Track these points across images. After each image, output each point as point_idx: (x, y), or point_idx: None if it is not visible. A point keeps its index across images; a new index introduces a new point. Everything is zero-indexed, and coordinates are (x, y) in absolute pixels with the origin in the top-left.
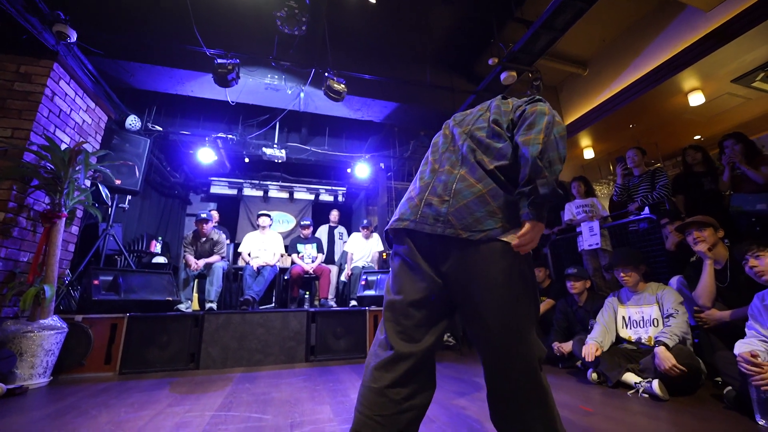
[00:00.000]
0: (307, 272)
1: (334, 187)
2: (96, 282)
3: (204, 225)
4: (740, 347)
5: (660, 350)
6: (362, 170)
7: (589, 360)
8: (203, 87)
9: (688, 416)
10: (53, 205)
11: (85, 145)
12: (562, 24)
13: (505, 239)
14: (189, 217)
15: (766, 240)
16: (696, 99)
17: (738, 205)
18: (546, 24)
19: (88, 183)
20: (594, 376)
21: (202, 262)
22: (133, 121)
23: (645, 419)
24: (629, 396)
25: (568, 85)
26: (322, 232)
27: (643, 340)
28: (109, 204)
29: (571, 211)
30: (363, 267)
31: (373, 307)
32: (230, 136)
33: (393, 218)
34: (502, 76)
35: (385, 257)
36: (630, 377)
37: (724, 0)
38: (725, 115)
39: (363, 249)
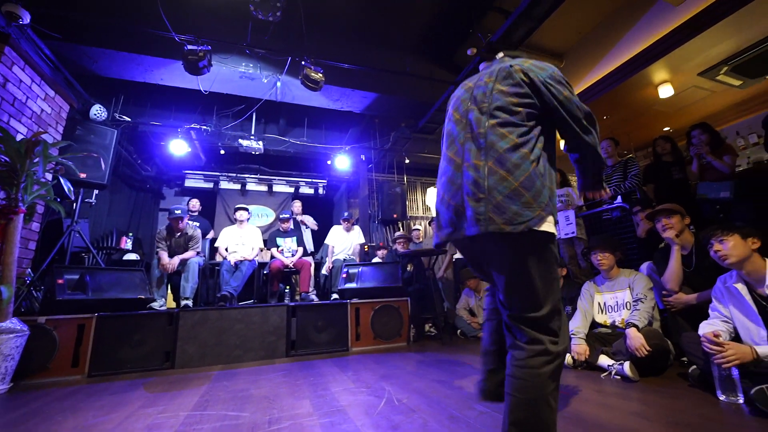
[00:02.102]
0: (287, 266)
1: (314, 180)
2: (60, 281)
3: (179, 222)
4: (704, 328)
5: (631, 331)
6: (342, 162)
7: (581, 361)
8: (174, 75)
9: (657, 395)
10: (9, 200)
11: (44, 136)
12: (540, 14)
13: (542, 229)
14: (162, 212)
15: (730, 225)
16: (665, 91)
17: (703, 193)
18: (524, 14)
19: (49, 176)
20: (569, 360)
21: (176, 260)
22: (98, 111)
23: (617, 399)
24: (602, 378)
25: None
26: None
27: (617, 323)
28: (74, 199)
29: None
30: (344, 260)
31: (354, 300)
32: (204, 127)
33: (435, 230)
34: (481, 66)
35: (366, 249)
36: (603, 360)
37: None
38: (692, 107)
39: (344, 242)
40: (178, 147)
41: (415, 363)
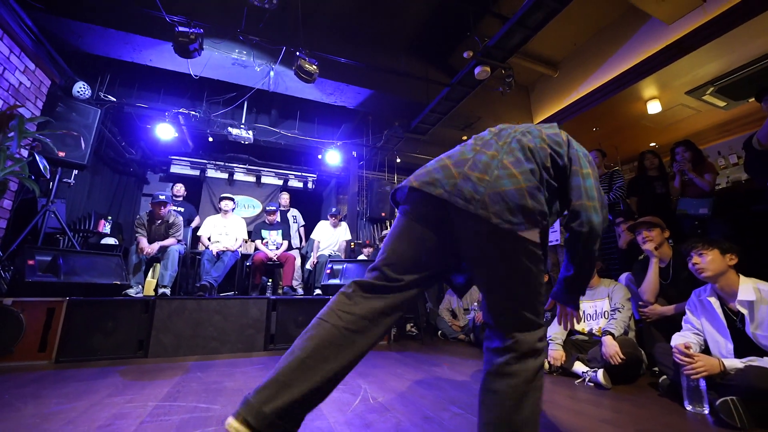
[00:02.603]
0: (270, 259)
1: (304, 174)
2: (31, 262)
3: (161, 208)
4: (676, 339)
5: (607, 339)
6: (333, 157)
7: (557, 366)
8: (163, 57)
9: (628, 403)
10: None
11: (21, 110)
12: (536, 23)
13: (525, 236)
14: (146, 197)
15: (711, 240)
16: (654, 107)
17: (683, 209)
18: (520, 21)
19: (24, 153)
20: (545, 365)
21: (156, 246)
22: (81, 89)
23: (589, 406)
24: (576, 384)
25: (539, 86)
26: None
27: (594, 331)
28: (50, 178)
29: None
30: (329, 255)
31: None
32: (193, 112)
33: (420, 178)
34: (476, 70)
35: (353, 246)
36: (578, 366)
37: (685, 15)
38: (678, 124)
39: (330, 237)
40: (165, 131)
41: (393, 362)
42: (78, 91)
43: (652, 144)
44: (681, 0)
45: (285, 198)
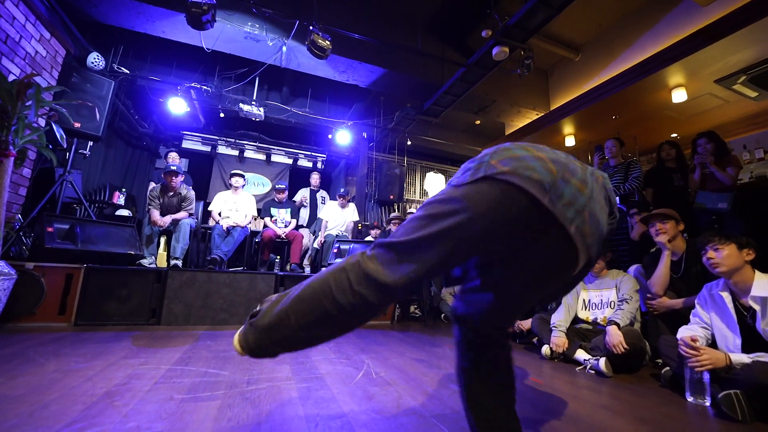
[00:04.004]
0: (279, 236)
1: (313, 153)
2: (50, 229)
3: (173, 178)
4: (682, 332)
5: (611, 328)
6: (343, 137)
7: (559, 352)
8: (176, 29)
9: (627, 392)
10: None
11: (38, 79)
12: (560, 2)
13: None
14: (158, 171)
15: (728, 234)
16: (679, 96)
17: (701, 203)
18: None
19: (41, 122)
20: (547, 351)
21: (168, 219)
22: (95, 60)
23: (588, 392)
24: (577, 371)
25: (558, 70)
26: (304, 194)
27: (599, 320)
28: (66, 147)
29: None
30: (336, 235)
31: None
32: (205, 87)
33: (522, 171)
34: (494, 50)
35: (360, 227)
36: (580, 354)
37: None
38: (704, 115)
39: (338, 217)
40: (176, 105)
41: (396, 341)
42: (92, 62)
43: (674, 135)
44: None
45: (315, 178)
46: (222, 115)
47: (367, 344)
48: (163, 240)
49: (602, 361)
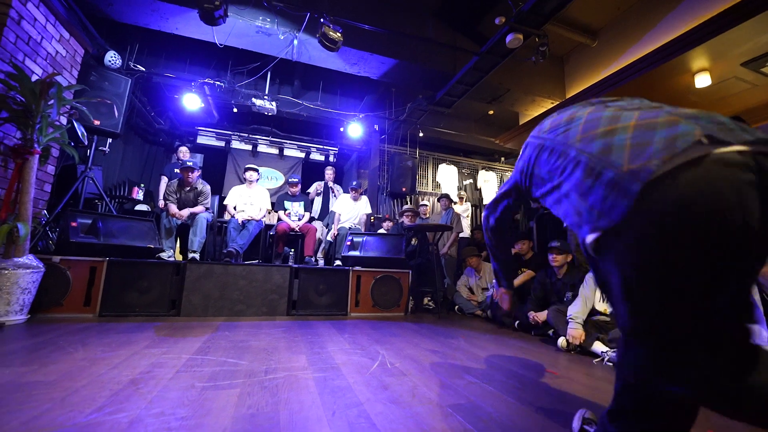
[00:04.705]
0: (293, 229)
1: (325, 147)
2: (74, 224)
3: (190, 174)
4: None
5: None
6: (355, 130)
7: (576, 344)
8: (189, 25)
9: None
10: (25, 140)
11: (58, 78)
12: None
13: None
14: (170, 165)
15: None
16: (703, 80)
17: None
18: None
19: (63, 120)
20: (563, 343)
21: (186, 212)
22: (112, 58)
23: (606, 384)
24: (594, 363)
25: (574, 56)
26: (318, 186)
27: None
28: (87, 144)
29: None
30: (350, 228)
31: (357, 268)
32: (218, 82)
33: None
34: (508, 38)
35: (372, 220)
36: (598, 346)
37: None
38: (729, 99)
39: (351, 210)
40: (191, 101)
41: (410, 332)
42: (109, 60)
43: None
44: None
45: (330, 172)
46: (235, 110)
47: (381, 335)
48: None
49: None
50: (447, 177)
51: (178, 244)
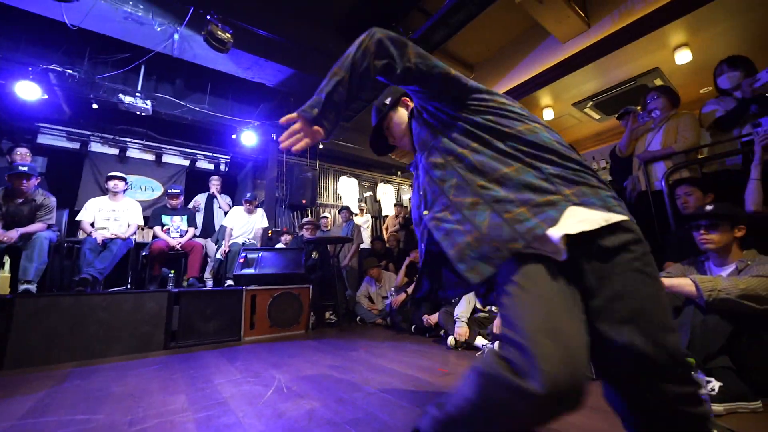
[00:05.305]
0: (172, 248)
1: (215, 154)
2: None
3: (23, 182)
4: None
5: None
6: (250, 138)
7: (462, 341)
8: None
9: None
10: None
11: None
12: (457, 23)
13: None
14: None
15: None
16: (548, 114)
17: None
18: (442, 20)
19: None
20: (452, 341)
21: (14, 234)
22: None
23: None
24: (477, 356)
25: None
26: (198, 200)
27: (494, 309)
28: None
29: None
30: (243, 244)
31: (252, 287)
32: (70, 71)
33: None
34: None
35: (270, 234)
36: (479, 340)
37: (575, 36)
38: (565, 131)
39: (244, 224)
40: (27, 90)
41: (310, 350)
42: None
43: None
44: (573, 22)
45: (215, 183)
46: (95, 106)
47: (279, 358)
48: (7, 260)
49: (496, 345)
50: (348, 189)
51: (5, 272)
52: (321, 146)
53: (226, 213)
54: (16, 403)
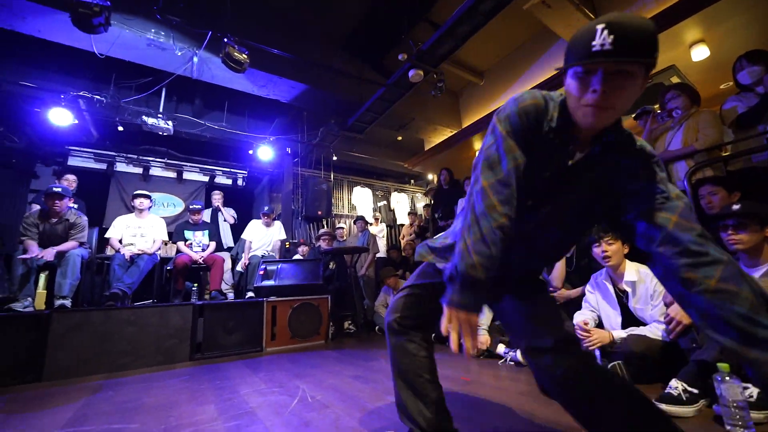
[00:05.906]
0: (195, 262)
1: (233, 170)
2: None
3: (57, 201)
4: (577, 317)
5: None
6: (266, 153)
7: (483, 349)
8: (56, 29)
9: None
10: None
11: None
12: (464, 33)
13: None
14: (33, 194)
15: (614, 233)
16: None
17: None
18: (449, 31)
19: None
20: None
21: (51, 251)
22: None
23: (509, 381)
24: (499, 364)
25: (467, 92)
26: (206, 216)
27: None
28: None
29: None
30: (262, 256)
31: (272, 298)
32: (98, 96)
33: None
34: (410, 73)
35: (287, 246)
36: (501, 348)
37: None
38: None
39: (263, 237)
40: (60, 117)
41: (331, 360)
42: None
43: None
44: (582, 25)
45: (217, 197)
46: (121, 128)
47: (301, 369)
48: (43, 277)
49: (518, 352)
50: (362, 199)
51: (41, 288)
52: (335, 158)
53: (231, 225)
54: (58, 413)
